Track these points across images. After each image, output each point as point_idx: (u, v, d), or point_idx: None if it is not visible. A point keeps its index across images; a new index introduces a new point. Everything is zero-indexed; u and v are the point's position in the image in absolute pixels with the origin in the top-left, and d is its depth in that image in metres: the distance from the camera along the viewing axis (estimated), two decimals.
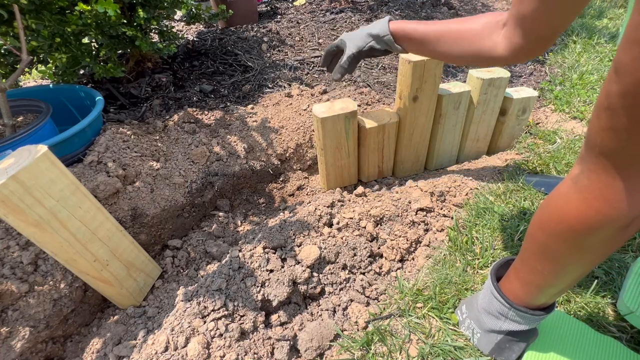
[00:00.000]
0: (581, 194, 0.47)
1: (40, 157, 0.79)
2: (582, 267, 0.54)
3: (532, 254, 0.58)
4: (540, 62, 2.51)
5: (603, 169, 0.44)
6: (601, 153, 0.44)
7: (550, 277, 0.57)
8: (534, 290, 0.61)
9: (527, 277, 0.61)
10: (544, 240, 0.54)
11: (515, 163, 1.36)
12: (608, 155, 0.43)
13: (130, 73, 1.87)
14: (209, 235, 1.33)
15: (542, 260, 0.56)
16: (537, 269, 0.58)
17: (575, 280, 0.57)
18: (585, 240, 0.48)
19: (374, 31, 0.98)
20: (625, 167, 0.43)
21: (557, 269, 0.55)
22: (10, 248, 0.95)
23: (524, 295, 0.63)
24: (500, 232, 1.02)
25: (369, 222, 1.10)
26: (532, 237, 0.58)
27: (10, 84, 1.15)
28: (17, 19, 1.11)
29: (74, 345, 1.01)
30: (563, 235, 0.50)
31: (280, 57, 2.26)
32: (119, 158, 1.23)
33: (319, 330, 0.85)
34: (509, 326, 0.67)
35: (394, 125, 1.34)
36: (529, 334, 0.68)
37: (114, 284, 0.99)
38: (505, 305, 0.65)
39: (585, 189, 0.46)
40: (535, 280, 0.59)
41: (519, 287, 0.63)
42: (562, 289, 0.59)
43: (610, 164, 0.43)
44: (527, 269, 0.60)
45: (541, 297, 0.62)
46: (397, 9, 2.97)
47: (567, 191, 0.50)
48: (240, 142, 1.52)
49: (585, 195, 0.46)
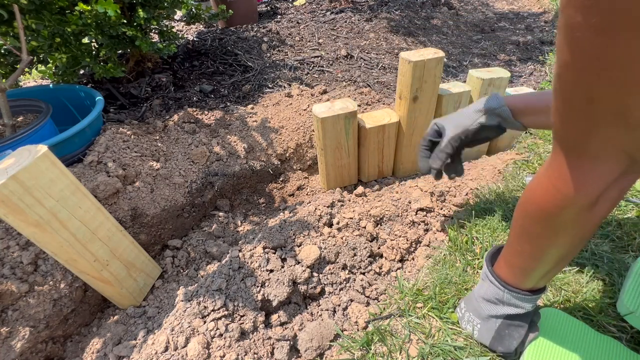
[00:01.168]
0: (548, 175, 0.50)
1: (40, 157, 0.79)
2: (558, 249, 0.55)
3: (514, 237, 0.61)
4: (540, 62, 2.51)
5: (559, 151, 0.47)
6: (554, 136, 0.47)
7: (530, 259, 0.59)
8: (520, 273, 0.63)
9: (512, 259, 0.63)
10: (521, 222, 0.58)
11: (515, 163, 1.36)
12: (558, 137, 0.47)
13: (130, 73, 1.87)
14: (209, 235, 1.33)
15: (522, 242, 0.59)
16: (519, 251, 0.60)
17: (557, 263, 0.59)
18: (555, 220, 0.51)
19: (487, 105, 0.81)
20: (573, 148, 0.45)
21: (535, 250, 0.57)
22: (10, 248, 0.95)
23: (513, 278, 0.65)
24: (500, 232, 1.02)
25: (369, 222, 1.10)
26: (514, 220, 0.61)
27: (10, 84, 1.15)
28: (17, 19, 1.11)
29: (74, 345, 1.01)
30: (535, 216, 0.53)
31: (280, 57, 2.26)
32: (119, 158, 1.23)
33: (319, 330, 0.85)
34: (506, 310, 0.68)
35: (394, 125, 1.34)
36: (527, 318, 0.69)
37: (114, 284, 0.99)
38: (500, 287, 0.67)
39: (550, 170, 0.50)
40: (519, 263, 0.62)
41: (508, 271, 0.65)
42: (546, 272, 0.61)
43: (563, 146, 0.46)
44: (512, 251, 0.63)
45: (528, 280, 0.63)
46: (397, 9, 2.97)
47: (539, 174, 0.53)
48: (240, 142, 1.52)
49: (551, 177, 0.49)
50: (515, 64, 2.52)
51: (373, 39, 2.53)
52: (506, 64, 2.52)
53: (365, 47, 2.43)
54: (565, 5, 0.36)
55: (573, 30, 0.37)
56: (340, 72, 2.12)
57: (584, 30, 0.35)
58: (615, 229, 0.98)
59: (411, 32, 2.70)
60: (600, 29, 0.34)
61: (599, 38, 0.35)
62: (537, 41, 2.85)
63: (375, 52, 2.38)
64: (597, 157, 0.44)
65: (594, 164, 0.44)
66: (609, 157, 0.43)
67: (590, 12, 0.34)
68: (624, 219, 1.00)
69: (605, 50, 0.35)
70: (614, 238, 0.96)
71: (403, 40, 2.58)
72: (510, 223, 1.02)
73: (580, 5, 0.34)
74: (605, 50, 0.35)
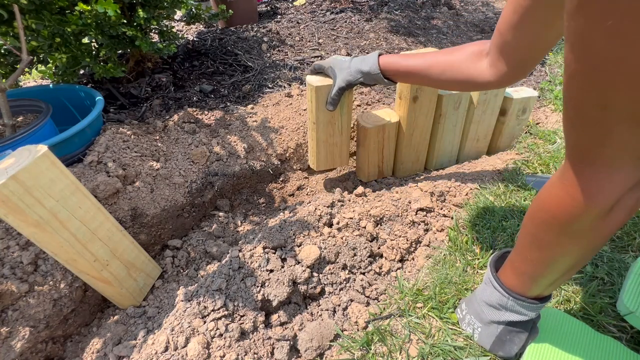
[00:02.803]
0: (562, 184, 0.50)
1: (40, 157, 0.79)
2: (569, 258, 0.55)
3: (524, 244, 0.61)
4: (540, 62, 2.51)
5: (573, 159, 0.47)
6: (567, 145, 0.48)
7: (540, 267, 0.59)
8: (527, 280, 0.63)
9: (521, 267, 0.63)
10: (533, 230, 0.57)
11: (515, 163, 1.36)
12: (571, 146, 0.47)
13: (130, 73, 1.87)
14: (209, 235, 1.33)
15: (532, 250, 0.59)
16: (528, 258, 0.60)
17: (566, 271, 0.58)
18: (568, 229, 0.51)
19: (364, 68, 1.04)
20: (587, 157, 0.45)
21: (545, 258, 0.57)
22: (10, 248, 0.95)
23: (518, 285, 0.64)
24: (500, 232, 1.02)
25: (369, 222, 1.10)
26: (523, 227, 0.61)
27: (10, 84, 1.15)
28: (17, 19, 1.11)
29: (74, 345, 1.01)
30: (548, 224, 0.53)
31: (280, 57, 2.26)
32: (119, 158, 1.23)
33: (319, 330, 0.85)
34: (509, 317, 0.68)
35: (394, 125, 1.34)
36: (528, 324, 0.68)
37: (114, 284, 0.99)
38: (504, 294, 0.66)
39: (565, 179, 0.49)
40: (528, 270, 0.61)
41: (514, 278, 0.65)
42: (554, 280, 0.61)
43: (576, 154, 0.47)
44: (520, 258, 0.63)
45: (535, 288, 0.63)
46: (397, 9, 2.97)
47: (552, 183, 0.53)
48: (240, 142, 1.52)
49: (566, 185, 0.49)
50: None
51: (373, 39, 2.53)
52: None
53: (366, 47, 2.43)
54: (573, 13, 0.36)
55: (584, 37, 0.36)
56: None
57: (597, 36, 0.35)
58: None
59: (411, 32, 2.70)
60: (616, 32, 0.33)
61: (614, 41, 0.34)
62: None
63: None
64: (612, 164, 0.43)
65: (609, 172, 0.44)
66: (624, 164, 0.43)
67: (605, 16, 0.33)
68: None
69: (620, 54, 0.35)
70: (614, 238, 0.96)
71: (403, 40, 2.58)
72: (512, 223, 1.02)
73: (593, 11, 0.34)
74: (621, 53, 0.34)
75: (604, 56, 0.36)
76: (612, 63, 0.36)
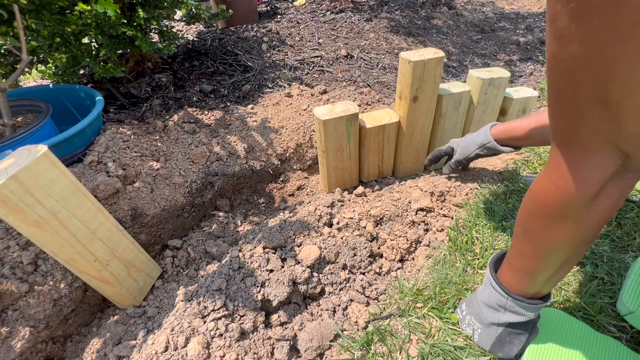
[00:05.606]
0: (546, 173, 0.52)
1: (40, 157, 0.79)
2: (561, 251, 0.55)
3: (517, 237, 0.62)
4: (540, 62, 2.51)
5: (555, 146, 0.49)
6: (551, 131, 0.49)
7: (534, 261, 0.59)
8: (524, 277, 0.63)
9: (516, 262, 0.63)
10: (523, 222, 0.59)
11: (515, 163, 1.36)
12: (552, 132, 0.48)
13: (130, 73, 1.87)
14: (209, 235, 1.33)
15: (525, 242, 0.60)
16: (522, 252, 0.61)
17: (560, 266, 0.58)
18: (555, 218, 0.52)
19: (479, 140, 1.11)
20: (565, 141, 0.47)
21: (538, 251, 0.58)
22: (10, 248, 0.95)
23: (516, 283, 0.64)
24: (500, 232, 1.02)
25: (369, 222, 1.10)
26: (517, 220, 0.61)
27: (10, 84, 1.15)
28: (17, 19, 1.11)
29: (74, 345, 1.01)
30: (536, 214, 0.55)
31: (280, 57, 2.26)
32: (119, 158, 1.23)
33: (319, 330, 0.85)
34: (508, 318, 0.68)
35: (394, 125, 1.34)
36: (528, 326, 0.68)
37: (114, 284, 0.99)
38: (503, 295, 0.66)
39: (550, 169, 0.51)
40: (523, 266, 0.62)
41: (512, 275, 0.65)
42: (550, 276, 0.61)
43: (557, 139, 0.48)
44: (515, 254, 0.63)
45: (532, 285, 0.63)
46: (397, 8, 2.97)
47: (539, 174, 0.55)
48: (240, 142, 1.52)
49: (550, 174, 0.51)
50: (516, 64, 2.52)
51: (373, 39, 2.53)
52: (506, 64, 2.52)
53: (365, 47, 2.43)
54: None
55: (555, 19, 0.38)
56: (340, 72, 2.12)
57: (564, 18, 0.37)
58: (615, 229, 0.98)
59: (411, 32, 2.70)
60: (577, 15, 0.36)
61: (576, 23, 0.36)
62: (538, 41, 2.85)
63: (375, 52, 2.38)
64: (588, 148, 0.45)
65: (586, 156, 0.45)
66: (600, 149, 0.44)
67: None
68: (624, 219, 1.00)
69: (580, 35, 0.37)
70: (614, 238, 0.96)
71: (403, 40, 2.57)
72: (512, 223, 1.02)
73: None
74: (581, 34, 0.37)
75: (568, 37, 0.38)
76: (576, 44, 0.37)
